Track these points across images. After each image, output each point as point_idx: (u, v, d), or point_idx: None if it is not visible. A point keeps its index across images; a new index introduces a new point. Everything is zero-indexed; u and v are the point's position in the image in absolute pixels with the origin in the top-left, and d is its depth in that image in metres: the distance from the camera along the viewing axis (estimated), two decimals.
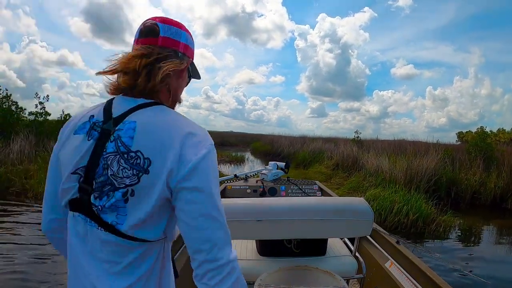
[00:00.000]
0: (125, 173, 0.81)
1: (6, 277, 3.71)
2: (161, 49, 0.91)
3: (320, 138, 21.95)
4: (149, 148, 0.82)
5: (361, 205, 1.93)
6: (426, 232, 6.16)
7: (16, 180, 7.65)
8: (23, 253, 4.34)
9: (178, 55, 0.95)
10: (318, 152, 15.65)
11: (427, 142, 15.19)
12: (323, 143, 17.93)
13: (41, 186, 7.33)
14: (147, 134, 0.83)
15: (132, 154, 0.81)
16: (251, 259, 2.21)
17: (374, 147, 14.26)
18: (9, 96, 10.92)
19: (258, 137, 34.64)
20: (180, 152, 0.82)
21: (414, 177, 8.77)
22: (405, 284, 2.32)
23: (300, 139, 21.16)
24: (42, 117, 11.56)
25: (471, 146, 11.83)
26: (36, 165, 8.54)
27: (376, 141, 17.88)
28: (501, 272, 4.63)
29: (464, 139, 25.01)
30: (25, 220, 5.74)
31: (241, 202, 1.93)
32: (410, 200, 6.79)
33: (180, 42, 0.97)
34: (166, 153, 0.81)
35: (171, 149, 0.82)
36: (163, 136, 0.83)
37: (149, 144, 0.82)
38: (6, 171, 7.83)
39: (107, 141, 0.84)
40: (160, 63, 0.89)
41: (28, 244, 4.69)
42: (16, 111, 10.91)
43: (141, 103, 0.89)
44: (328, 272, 1.88)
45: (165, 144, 0.82)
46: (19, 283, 3.61)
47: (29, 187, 7.50)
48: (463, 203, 8.97)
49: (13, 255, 4.27)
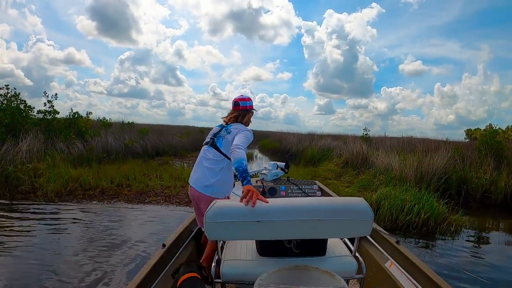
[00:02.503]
0: (223, 133, 2.88)
1: (18, 276, 3.71)
2: (242, 110, 2.98)
3: (328, 135, 21.89)
4: (233, 129, 2.83)
5: (360, 205, 1.90)
6: (437, 232, 6.09)
7: (26, 179, 7.64)
8: (34, 253, 4.34)
9: (248, 110, 3.01)
10: (326, 150, 15.51)
11: (436, 140, 15.12)
12: (331, 140, 17.86)
13: (50, 185, 7.38)
14: (234, 128, 2.84)
15: (228, 130, 2.85)
16: (251, 259, 2.20)
17: (383, 145, 14.20)
18: (18, 95, 10.95)
19: (266, 134, 34.59)
20: (238, 128, 2.80)
21: (424, 175, 8.66)
22: (405, 284, 2.34)
23: (308, 136, 21.05)
24: (50, 116, 11.60)
25: (481, 144, 11.70)
26: (45, 164, 8.58)
27: (385, 138, 17.82)
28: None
29: (472, 136, 24.85)
30: (33, 217, 5.76)
31: (241, 202, 1.91)
32: (421, 199, 6.71)
33: (247, 106, 2.99)
34: (236, 130, 2.79)
35: (237, 129, 2.79)
36: (237, 127, 2.83)
37: (233, 128, 2.84)
38: (15, 170, 7.83)
39: (222, 129, 2.94)
40: (243, 116, 2.99)
41: (39, 242, 4.69)
42: (24, 110, 10.92)
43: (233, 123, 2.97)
44: (328, 272, 1.87)
45: (236, 128, 2.82)
46: (32, 281, 3.60)
47: (38, 185, 7.49)
48: (473, 202, 8.85)
49: (24, 254, 4.27)
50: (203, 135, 27.27)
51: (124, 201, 7.22)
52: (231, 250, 2.30)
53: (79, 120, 12.62)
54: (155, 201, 7.35)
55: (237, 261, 2.17)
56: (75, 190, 7.56)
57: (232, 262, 2.15)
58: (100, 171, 8.91)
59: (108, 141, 12.54)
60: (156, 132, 18.33)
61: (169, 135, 19.09)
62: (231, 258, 2.19)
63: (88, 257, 4.30)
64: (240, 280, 2.10)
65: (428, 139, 16.13)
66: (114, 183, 8.24)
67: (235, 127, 2.81)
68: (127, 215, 6.32)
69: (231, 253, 2.25)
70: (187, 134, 22.86)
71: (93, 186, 7.86)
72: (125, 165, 10.40)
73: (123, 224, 5.78)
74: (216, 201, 1.91)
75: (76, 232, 5.24)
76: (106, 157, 11.23)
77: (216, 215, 1.81)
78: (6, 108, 10.34)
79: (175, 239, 2.79)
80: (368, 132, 18.33)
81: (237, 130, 2.75)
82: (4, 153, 8.43)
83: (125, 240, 4.98)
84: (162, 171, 10.09)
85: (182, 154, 16.72)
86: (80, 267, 4.01)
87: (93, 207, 6.69)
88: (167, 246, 2.60)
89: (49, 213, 6.09)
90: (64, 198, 7.20)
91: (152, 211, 6.66)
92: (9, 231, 5.11)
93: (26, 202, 6.78)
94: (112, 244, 4.78)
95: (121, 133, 14.65)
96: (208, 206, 1.89)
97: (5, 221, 5.54)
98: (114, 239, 4.97)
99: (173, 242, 2.73)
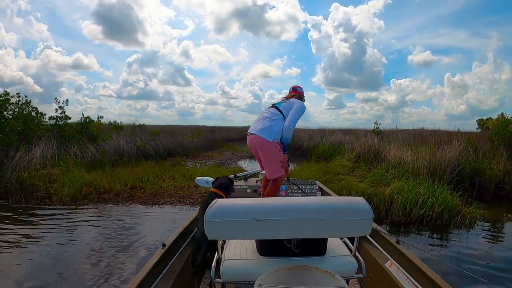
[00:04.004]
0: (284, 102, 3.89)
1: (38, 277, 3.77)
2: (298, 94, 4.12)
3: (339, 130, 21.78)
4: (293, 100, 3.90)
5: (360, 204, 1.89)
6: (451, 225, 6.05)
7: (40, 185, 7.76)
8: (50, 259, 4.41)
9: (301, 95, 4.15)
10: (338, 145, 15.43)
11: (448, 131, 14.96)
12: (342, 135, 17.78)
13: (65, 190, 7.48)
14: (293, 100, 3.90)
15: (288, 100, 3.89)
16: (251, 259, 2.20)
17: (394, 138, 14.10)
18: (29, 102, 11.07)
19: None
20: (297, 100, 3.90)
21: (437, 168, 8.57)
22: (405, 284, 2.33)
23: (319, 132, 20.97)
24: (62, 121, 11.72)
25: (493, 135, 11.56)
26: (59, 169, 8.69)
27: (396, 131, 17.68)
28: None
29: (484, 126, 24.54)
30: (50, 222, 5.84)
31: (241, 202, 1.92)
32: (434, 192, 6.67)
33: (302, 92, 4.21)
34: (295, 101, 3.87)
35: (295, 101, 3.88)
36: (296, 100, 3.90)
37: (293, 100, 3.90)
38: (30, 176, 7.96)
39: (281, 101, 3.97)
40: (300, 98, 4.06)
41: (54, 248, 4.76)
42: (36, 117, 11.06)
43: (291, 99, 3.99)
44: (328, 272, 1.87)
45: (295, 101, 3.88)
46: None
47: (53, 191, 7.59)
48: (487, 194, 8.72)
49: (40, 260, 4.34)
50: (214, 135, 27.58)
51: (139, 203, 7.28)
52: (231, 250, 2.30)
53: (91, 124, 12.71)
54: (169, 202, 7.40)
55: (237, 261, 2.18)
56: (90, 194, 7.65)
57: (232, 262, 2.16)
58: (114, 174, 8.99)
59: (120, 144, 12.65)
60: (167, 133, 18.38)
61: (180, 136, 19.14)
62: (231, 258, 2.19)
63: (104, 257, 4.37)
64: (240, 279, 2.11)
65: (439, 130, 16.01)
66: (128, 186, 8.31)
67: (294, 100, 3.89)
68: (142, 217, 6.39)
69: (231, 253, 2.25)
70: (198, 133, 22.92)
71: (107, 189, 7.94)
72: (138, 167, 10.47)
73: (138, 225, 5.85)
74: (216, 200, 1.90)
75: (92, 234, 5.31)
76: (118, 160, 11.31)
77: (216, 215, 1.81)
78: (19, 115, 10.47)
79: (175, 239, 2.79)
80: (379, 125, 18.21)
81: (296, 101, 3.86)
82: (18, 160, 8.57)
83: (139, 239, 5.06)
84: (174, 172, 10.12)
85: (194, 154, 16.74)
86: (97, 267, 4.07)
87: (108, 210, 6.76)
88: (167, 246, 2.60)
89: (65, 218, 6.18)
90: (79, 202, 7.29)
91: (167, 212, 6.72)
92: (26, 236, 5.20)
93: (42, 207, 6.88)
94: (128, 244, 4.86)
95: (133, 135, 14.75)
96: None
97: (22, 228, 5.65)
98: (130, 240, 5.04)
99: (173, 242, 2.73)
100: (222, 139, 27.87)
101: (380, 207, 6.61)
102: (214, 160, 15.02)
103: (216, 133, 29.90)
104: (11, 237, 5.13)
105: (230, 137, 32.38)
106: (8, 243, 4.89)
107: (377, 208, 6.60)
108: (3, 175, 8.04)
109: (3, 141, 9.21)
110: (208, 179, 4.61)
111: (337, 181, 8.40)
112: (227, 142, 27.00)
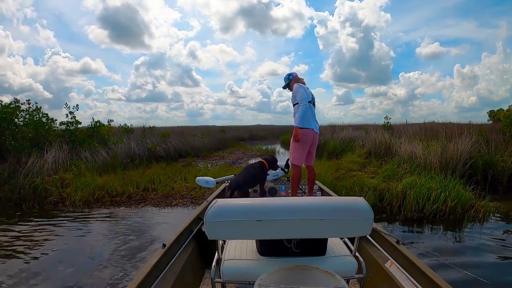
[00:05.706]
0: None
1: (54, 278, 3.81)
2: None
3: (349, 126, 21.63)
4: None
5: (360, 204, 1.88)
6: (465, 219, 6.00)
7: (53, 190, 7.86)
8: (68, 264, 4.45)
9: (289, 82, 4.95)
10: (348, 141, 15.29)
11: (459, 124, 14.81)
12: (352, 131, 17.69)
13: (78, 194, 7.55)
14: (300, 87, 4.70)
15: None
16: (251, 259, 2.20)
17: (405, 132, 13.98)
18: (39, 108, 11.23)
19: (287, 128, 34.40)
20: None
21: (449, 161, 8.50)
22: (405, 284, 2.33)
23: (329, 128, 20.84)
24: (73, 126, 11.84)
25: (505, 126, 11.41)
26: (71, 174, 8.78)
27: (406, 125, 17.50)
28: None
29: (496, 117, 24.22)
30: (64, 226, 5.92)
31: (241, 202, 1.91)
32: (447, 186, 6.62)
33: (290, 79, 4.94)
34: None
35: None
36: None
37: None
38: (42, 182, 8.06)
39: (309, 91, 4.73)
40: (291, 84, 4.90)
41: (70, 253, 4.82)
42: (47, 123, 11.20)
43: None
44: (328, 272, 1.86)
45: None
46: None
47: (66, 195, 7.68)
48: (500, 187, 8.64)
49: (56, 265, 4.38)
50: (224, 134, 27.59)
51: (151, 205, 7.34)
52: (231, 250, 2.29)
53: (101, 128, 12.82)
54: (181, 203, 7.45)
55: (237, 261, 2.17)
56: (103, 198, 7.72)
57: (232, 262, 2.15)
58: (125, 177, 9.04)
59: (131, 147, 12.70)
60: (177, 134, 18.38)
61: (190, 136, 19.12)
62: (231, 258, 2.19)
63: (118, 258, 4.45)
64: (240, 279, 2.10)
65: (450, 123, 15.83)
66: (140, 188, 8.37)
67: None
68: (155, 218, 6.45)
69: (231, 253, 2.25)
70: (208, 133, 22.82)
71: (119, 192, 7.99)
72: (149, 170, 10.50)
73: (151, 226, 5.91)
74: (216, 200, 1.89)
75: (105, 237, 5.37)
76: (130, 163, 11.38)
77: (216, 215, 1.80)
78: (29, 122, 10.63)
79: (175, 239, 2.80)
80: (389, 120, 18.07)
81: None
82: (31, 166, 8.71)
83: (154, 240, 5.13)
84: (186, 173, 10.13)
85: (205, 154, 16.71)
86: (111, 268, 4.12)
87: (122, 212, 6.83)
88: (167, 246, 2.61)
89: (79, 221, 6.26)
90: (92, 205, 7.37)
91: (179, 213, 6.76)
92: (41, 240, 5.26)
93: (55, 212, 6.97)
94: (142, 246, 4.92)
95: (143, 138, 14.81)
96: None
97: (37, 234, 5.70)
98: (143, 241, 5.10)
99: (173, 242, 2.74)
100: (233, 138, 27.84)
101: (393, 202, 6.57)
102: (225, 159, 15.00)
103: (226, 132, 29.88)
104: (26, 241, 5.19)
105: (240, 136, 32.45)
106: (23, 247, 4.95)
107: (389, 204, 6.58)
108: (16, 181, 8.16)
109: (15, 147, 9.36)
110: (208, 179, 4.69)
111: (349, 178, 8.36)
112: (238, 141, 26.99)
